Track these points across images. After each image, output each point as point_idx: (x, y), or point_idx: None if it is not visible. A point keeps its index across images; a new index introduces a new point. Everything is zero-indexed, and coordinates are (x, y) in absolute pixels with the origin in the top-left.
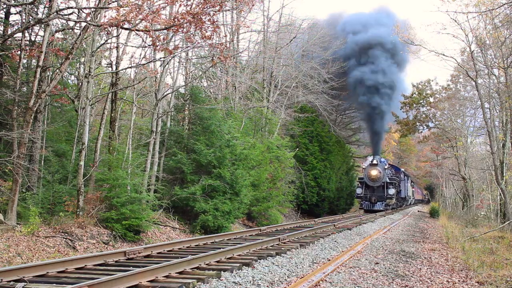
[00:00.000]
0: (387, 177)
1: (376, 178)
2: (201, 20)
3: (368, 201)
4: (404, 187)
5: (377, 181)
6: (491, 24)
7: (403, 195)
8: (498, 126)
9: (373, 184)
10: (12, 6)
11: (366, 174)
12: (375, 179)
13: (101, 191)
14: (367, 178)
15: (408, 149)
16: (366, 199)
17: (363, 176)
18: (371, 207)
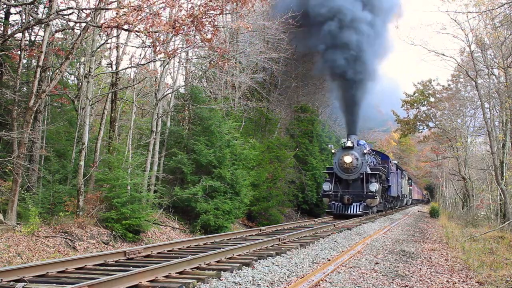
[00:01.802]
0: (368, 166)
1: (351, 168)
2: (201, 23)
3: (340, 201)
4: (397, 182)
5: (352, 172)
6: (491, 24)
7: (395, 193)
8: (498, 126)
9: (346, 176)
10: (12, 6)
11: (337, 162)
12: (349, 169)
13: (101, 191)
14: (338, 167)
15: (408, 149)
16: (336, 199)
17: (333, 165)
18: (343, 210)
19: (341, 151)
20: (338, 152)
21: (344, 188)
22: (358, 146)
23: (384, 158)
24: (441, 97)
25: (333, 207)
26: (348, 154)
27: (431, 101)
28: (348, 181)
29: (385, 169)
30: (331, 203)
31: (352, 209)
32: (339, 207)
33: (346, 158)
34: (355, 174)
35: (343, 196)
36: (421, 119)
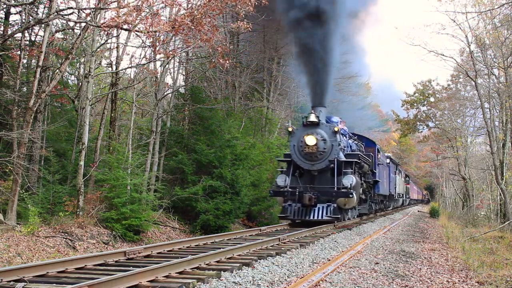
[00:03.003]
0: (342, 152)
1: (316, 153)
2: (200, 24)
3: (299, 201)
4: (388, 177)
5: (317, 160)
6: (491, 24)
7: (385, 191)
8: (498, 126)
9: (309, 165)
10: (12, 6)
11: (295, 145)
12: (313, 155)
13: (101, 191)
14: (298, 153)
15: (408, 149)
16: (293, 198)
17: (291, 150)
18: (303, 214)
19: (302, 129)
20: (298, 131)
21: (307, 182)
22: (328, 123)
23: (369, 144)
24: (441, 97)
25: (289, 210)
26: (312, 134)
27: (431, 101)
28: (312, 173)
29: (369, 158)
30: (286, 205)
31: (316, 213)
32: (298, 211)
33: (309, 139)
34: (321, 162)
35: (302, 194)
36: (421, 119)
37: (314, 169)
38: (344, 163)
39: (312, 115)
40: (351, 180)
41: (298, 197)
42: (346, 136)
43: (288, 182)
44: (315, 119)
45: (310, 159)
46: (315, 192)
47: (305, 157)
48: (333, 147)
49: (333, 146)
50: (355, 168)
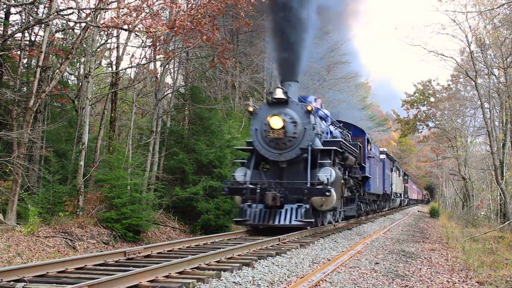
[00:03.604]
0: (319, 138)
1: (284, 139)
2: (200, 24)
3: (260, 201)
4: (382, 174)
5: (286, 148)
6: (491, 24)
7: (378, 189)
8: (498, 126)
9: (276, 155)
10: (12, 6)
11: (258, 129)
12: (280, 142)
13: (101, 191)
14: (262, 139)
15: (408, 149)
16: (253, 197)
17: (252, 136)
18: (267, 219)
19: (266, 109)
20: (261, 112)
21: (274, 177)
22: (301, 102)
23: (357, 133)
24: (441, 97)
25: (248, 213)
26: (278, 114)
27: (431, 101)
28: (280, 165)
29: (356, 149)
30: (245, 206)
31: (283, 217)
32: (259, 214)
33: (274, 121)
34: (291, 151)
35: (265, 194)
36: (421, 119)
37: (282, 160)
38: (321, 152)
39: (279, 91)
40: (329, 174)
41: (260, 197)
42: (327, 120)
43: (249, 176)
44: (282, 96)
45: (276, 147)
46: (282, 189)
47: (270, 145)
48: (306, 132)
49: (306, 130)
50: (335, 159)
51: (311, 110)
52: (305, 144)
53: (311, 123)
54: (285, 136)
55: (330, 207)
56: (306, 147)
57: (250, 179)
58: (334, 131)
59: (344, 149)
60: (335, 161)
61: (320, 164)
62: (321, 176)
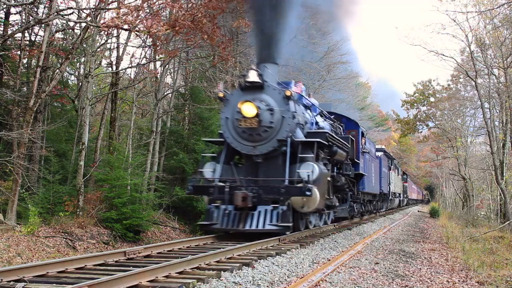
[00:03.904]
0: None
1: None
2: (201, 22)
3: (230, 202)
4: (379, 172)
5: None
6: (491, 24)
7: (374, 189)
8: (498, 126)
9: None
10: (12, 6)
11: (230, 118)
12: (254, 132)
13: (101, 191)
14: (233, 129)
15: (408, 149)
16: (222, 197)
17: (222, 127)
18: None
19: (239, 94)
20: (233, 98)
21: (248, 173)
22: (278, 87)
23: (350, 126)
24: (441, 97)
25: (216, 216)
26: (252, 101)
27: (431, 101)
28: (254, 160)
29: (347, 143)
30: (212, 208)
31: (255, 220)
32: (228, 217)
33: (247, 109)
34: (267, 143)
35: (235, 194)
36: (421, 119)
37: (257, 154)
38: (302, 144)
39: (252, 73)
40: (310, 170)
41: (229, 196)
42: (313, 110)
43: (218, 173)
44: (256, 79)
45: (250, 138)
46: (255, 188)
47: (243, 136)
48: (285, 121)
49: (285, 119)
50: (319, 153)
51: (290, 95)
52: (283, 135)
53: (291, 110)
54: (260, 126)
55: (313, 209)
56: (285, 138)
57: (220, 175)
58: (321, 123)
59: (332, 142)
60: (319, 155)
61: (301, 158)
62: (302, 173)
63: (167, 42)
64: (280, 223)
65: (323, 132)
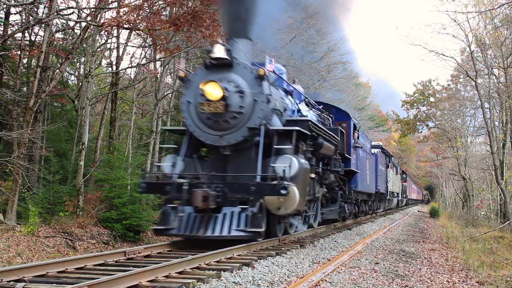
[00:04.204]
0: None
1: (225, 115)
2: (201, 18)
3: (188, 202)
4: (374, 170)
5: (229, 127)
6: (491, 24)
7: (369, 188)
8: (498, 126)
9: (216, 137)
10: (12, 6)
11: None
12: (220, 119)
13: (101, 191)
14: (196, 115)
15: (408, 149)
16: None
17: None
18: (197, 228)
19: (203, 74)
20: (197, 78)
21: (215, 168)
22: (252, 66)
23: (340, 117)
24: (441, 97)
25: (172, 219)
26: (217, 81)
27: (431, 101)
28: (222, 152)
29: (336, 135)
30: (168, 209)
31: (219, 225)
32: (188, 220)
33: (210, 90)
34: (236, 131)
35: (193, 189)
36: (421, 119)
37: (224, 145)
38: (279, 134)
39: (219, 48)
40: (287, 164)
41: (190, 197)
42: (296, 97)
43: (179, 167)
44: (223, 55)
45: (215, 126)
46: (221, 185)
47: (208, 123)
48: (257, 105)
49: (257, 103)
50: (299, 145)
51: (264, 75)
52: (255, 122)
53: (264, 93)
54: (227, 111)
55: (292, 210)
56: (257, 126)
57: (183, 170)
58: (305, 112)
59: (317, 133)
60: (299, 147)
61: (277, 150)
62: (277, 167)
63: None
64: (249, 228)
65: (305, 120)
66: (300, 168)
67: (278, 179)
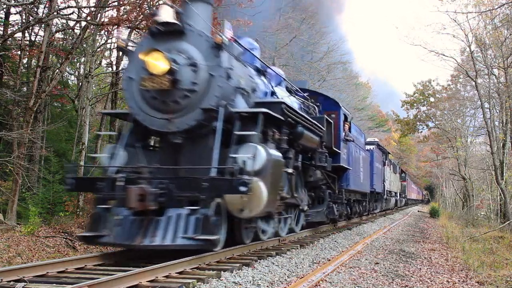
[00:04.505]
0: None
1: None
2: None
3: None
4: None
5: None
6: (491, 24)
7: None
8: (498, 126)
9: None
10: (12, 6)
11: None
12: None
13: None
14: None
15: (408, 149)
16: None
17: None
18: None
19: (148, 43)
20: (141, 49)
21: (165, 161)
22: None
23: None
24: (441, 97)
25: (102, 223)
26: (162, 51)
27: (431, 101)
28: (172, 140)
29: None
30: (100, 211)
31: (161, 232)
32: (123, 225)
33: (153, 61)
34: (187, 114)
35: (128, 186)
36: (421, 119)
37: (174, 131)
38: (242, 118)
39: (166, 10)
40: (251, 154)
41: (125, 196)
42: (269, 78)
43: (121, 159)
44: (172, 20)
45: (162, 108)
46: (165, 181)
47: (153, 105)
48: (214, 81)
49: (214, 78)
50: (269, 132)
51: (222, 43)
52: (211, 102)
53: (223, 66)
54: (176, 89)
55: (259, 212)
56: (214, 107)
57: (126, 163)
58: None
59: (295, 119)
60: (269, 134)
61: (238, 138)
62: (239, 158)
63: None
64: (198, 236)
65: (277, 101)
66: (269, 160)
67: (236, 173)
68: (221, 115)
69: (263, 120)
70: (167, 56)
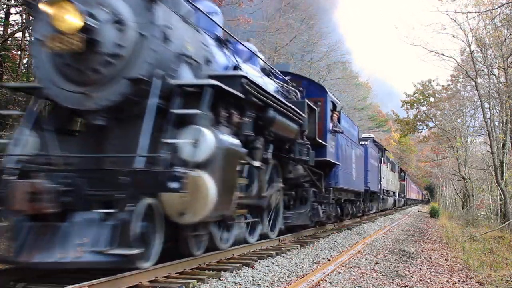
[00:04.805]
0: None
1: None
2: None
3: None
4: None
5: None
6: (491, 24)
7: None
8: (498, 126)
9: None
10: (12, 6)
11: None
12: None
13: None
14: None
15: (408, 149)
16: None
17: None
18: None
19: None
20: None
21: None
22: None
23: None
24: (441, 97)
25: None
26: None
27: (431, 101)
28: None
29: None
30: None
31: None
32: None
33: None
34: (110, 86)
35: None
36: (421, 119)
37: (94, 109)
38: (185, 93)
39: None
40: (194, 139)
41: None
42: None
43: (31, 146)
44: None
45: (78, 78)
46: (72, 174)
47: (66, 74)
48: (145, 44)
49: (145, 39)
50: (221, 112)
51: None
52: (141, 70)
53: (157, 23)
54: (94, 52)
55: (207, 216)
56: (146, 78)
57: (40, 150)
58: (256, 77)
59: (264, 101)
60: (222, 116)
61: (179, 118)
62: (181, 143)
63: None
64: (110, 250)
65: (235, 75)
66: (219, 148)
67: (166, 164)
68: (156, 88)
69: (214, 97)
70: (80, 9)
